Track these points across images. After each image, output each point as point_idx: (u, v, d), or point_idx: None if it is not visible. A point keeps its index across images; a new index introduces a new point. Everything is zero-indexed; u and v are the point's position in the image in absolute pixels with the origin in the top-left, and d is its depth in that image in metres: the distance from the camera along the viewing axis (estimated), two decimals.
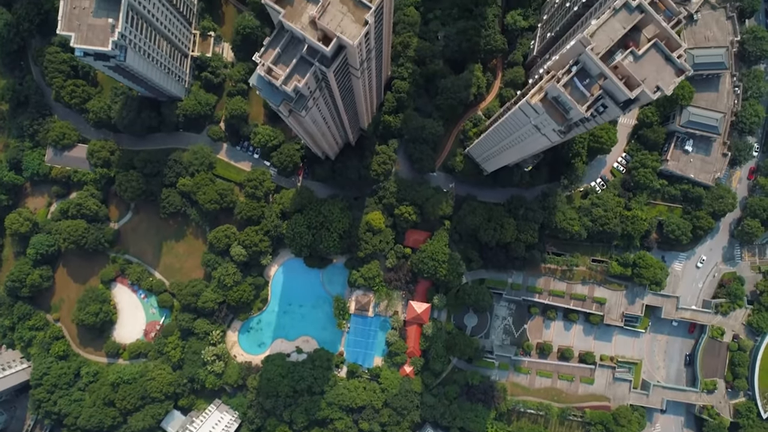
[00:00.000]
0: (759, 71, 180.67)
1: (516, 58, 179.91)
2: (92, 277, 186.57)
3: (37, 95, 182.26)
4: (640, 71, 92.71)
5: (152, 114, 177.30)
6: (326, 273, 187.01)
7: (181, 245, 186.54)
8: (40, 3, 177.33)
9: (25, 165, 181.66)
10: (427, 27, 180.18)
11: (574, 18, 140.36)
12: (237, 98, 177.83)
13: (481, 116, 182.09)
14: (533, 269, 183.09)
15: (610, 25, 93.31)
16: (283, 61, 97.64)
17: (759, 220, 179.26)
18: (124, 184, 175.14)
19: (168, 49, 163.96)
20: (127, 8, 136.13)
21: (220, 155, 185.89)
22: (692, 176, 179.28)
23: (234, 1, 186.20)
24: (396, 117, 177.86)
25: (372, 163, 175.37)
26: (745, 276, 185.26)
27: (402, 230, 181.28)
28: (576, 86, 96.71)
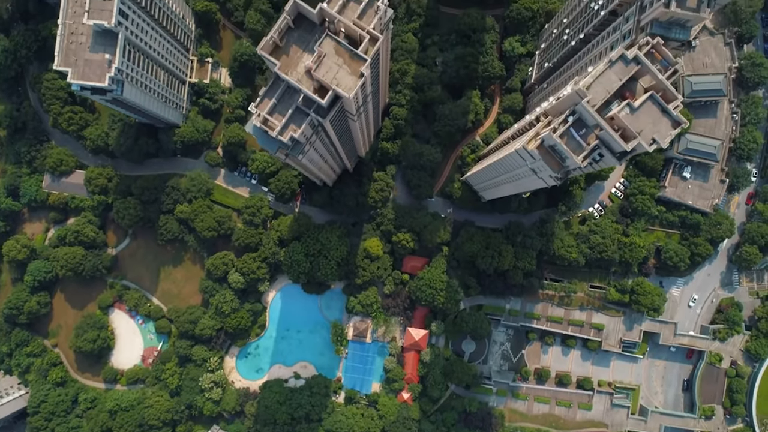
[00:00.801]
0: (757, 97, 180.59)
1: (514, 84, 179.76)
2: (90, 303, 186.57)
3: (35, 121, 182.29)
4: (637, 123, 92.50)
5: (150, 141, 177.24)
6: (324, 298, 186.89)
7: (179, 271, 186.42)
8: (38, 30, 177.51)
9: (22, 191, 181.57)
10: (425, 53, 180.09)
11: (572, 52, 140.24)
12: (235, 125, 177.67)
13: (479, 142, 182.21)
14: (531, 295, 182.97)
15: (606, 76, 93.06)
16: (279, 111, 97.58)
17: (757, 247, 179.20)
18: (122, 212, 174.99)
19: (165, 78, 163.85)
20: (123, 43, 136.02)
21: (218, 181, 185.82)
22: (690, 203, 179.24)
23: (231, 26, 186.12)
24: (394, 144, 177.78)
25: (370, 191, 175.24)
26: (743, 301, 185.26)
27: (400, 256, 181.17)
28: (572, 136, 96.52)
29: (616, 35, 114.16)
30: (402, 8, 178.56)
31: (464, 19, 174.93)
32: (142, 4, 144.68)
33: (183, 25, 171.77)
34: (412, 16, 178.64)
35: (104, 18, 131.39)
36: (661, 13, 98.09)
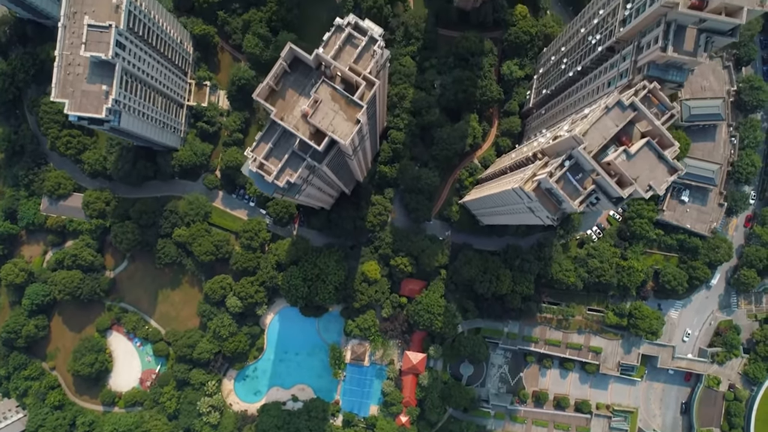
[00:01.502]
0: (755, 120, 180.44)
1: (512, 107, 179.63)
2: (88, 325, 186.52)
3: (33, 144, 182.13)
4: (633, 169, 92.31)
5: (148, 164, 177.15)
6: (322, 321, 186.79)
7: (177, 293, 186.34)
8: (36, 53, 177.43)
9: (20, 214, 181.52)
10: (424, 75, 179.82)
11: (570, 82, 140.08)
12: (233, 149, 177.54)
13: (477, 165, 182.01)
14: (529, 319, 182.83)
15: (603, 123, 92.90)
16: (275, 155, 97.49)
17: (755, 270, 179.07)
18: (120, 236, 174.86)
19: (163, 103, 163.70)
20: (121, 74, 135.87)
21: (216, 203, 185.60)
22: (688, 226, 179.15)
23: (229, 48, 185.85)
24: (392, 167, 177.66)
25: (368, 215, 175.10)
26: (741, 324, 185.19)
27: (398, 279, 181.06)
28: (569, 180, 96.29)
29: (613, 72, 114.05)
30: (400, 31, 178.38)
31: (462, 43, 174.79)
32: (140, 33, 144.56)
33: (181, 50, 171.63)
34: (411, 40, 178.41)
35: (101, 50, 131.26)
36: (657, 56, 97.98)
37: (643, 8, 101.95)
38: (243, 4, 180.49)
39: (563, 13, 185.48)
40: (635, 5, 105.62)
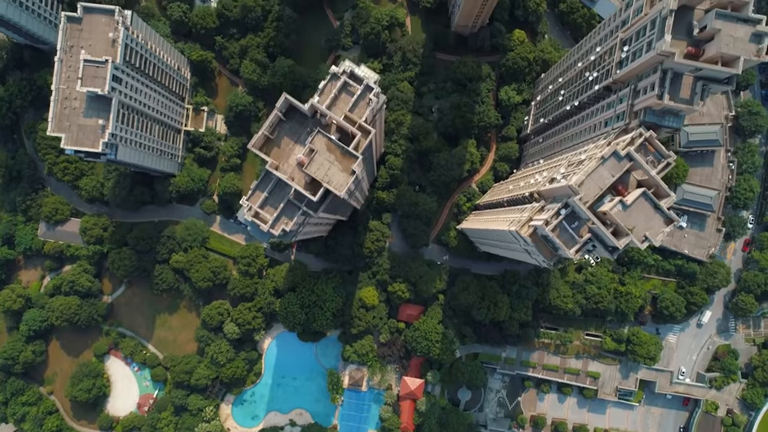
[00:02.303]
0: (753, 145, 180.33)
1: (510, 132, 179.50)
2: (86, 350, 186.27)
3: (30, 169, 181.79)
4: (629, 220, 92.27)
5: (145, 190, 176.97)
6: (320, 346, 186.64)
7: (175, 318, 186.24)
8: (33, 79, 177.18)
9: (17, 240, 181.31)
10: (421, 100, 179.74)
11: (567, 114, 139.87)
12: (230, 175, 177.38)
13: (475, 190, 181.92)
14: (527, 344, 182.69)
15: (598, 173, 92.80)
16: (270, 203, 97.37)
17: (753, 296, 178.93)
18: (117, 263, 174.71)
19: (160, 131, 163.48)
20: (117, 107, 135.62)
21: (213, 227, 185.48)
22: (686, 252, 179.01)
23: (227, 73, 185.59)
24: (389, 192, 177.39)
25: (365, 241, 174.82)
26: (739, 348, 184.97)
27: (396, 305, 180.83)
28: (565, 228, 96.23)
29: (610, 112, 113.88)
30: (398, 56, 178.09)
31: (460, 68, 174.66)
32: (137, 65, 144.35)
33: (178, 76, 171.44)
34: (408, 65, 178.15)
35: (98, 85, 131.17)
36: (654, 103, 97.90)
37: (639, 53, 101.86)
38: (240, 30, 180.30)
39: (561, 37, 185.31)
40: (632, 49, 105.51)
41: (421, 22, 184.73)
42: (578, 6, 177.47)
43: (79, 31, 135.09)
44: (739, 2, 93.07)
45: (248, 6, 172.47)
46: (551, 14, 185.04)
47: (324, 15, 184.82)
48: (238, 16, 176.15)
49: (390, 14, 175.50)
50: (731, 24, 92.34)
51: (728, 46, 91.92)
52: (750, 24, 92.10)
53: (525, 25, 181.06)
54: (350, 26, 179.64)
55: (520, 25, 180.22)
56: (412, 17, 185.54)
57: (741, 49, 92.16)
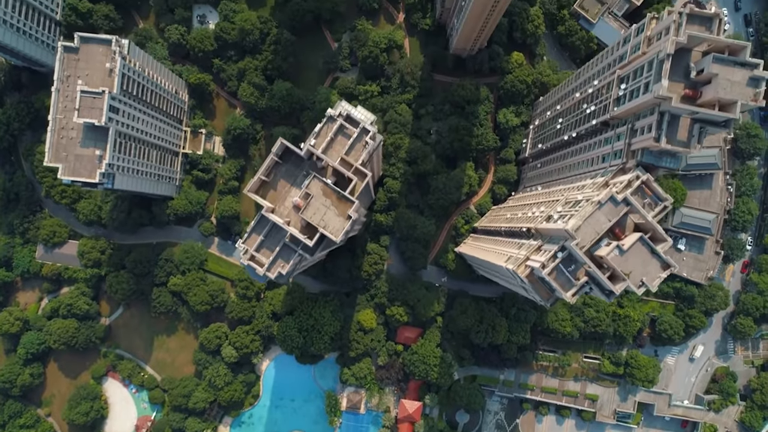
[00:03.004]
0: (752, 168, 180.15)
1: (508, 155, 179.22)
2: (83, 372, 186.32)
3: (28, 191, 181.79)
4: (626, 265, 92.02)
5: (143, 212, 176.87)
6: (318, 368, 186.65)
7: (173, 340, 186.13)
8: (31, 102, 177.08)
9: (15, 262, 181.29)
10: (420, 122, 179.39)
11: (565, 144, 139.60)
12: (228, 198, 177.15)
13: (473, 212, 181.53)
14: (525, 366, 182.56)
15: (595, 218, 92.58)
16: (266, 246, 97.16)
17: (752, 318, 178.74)
18: (115, 286, 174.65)
19: (158, 156, 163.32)
20: (114, 137, 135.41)
21: (211, 249, 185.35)
22: (685, 275, 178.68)
23: (225, 94, 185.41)
24: (388, 215, 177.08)
25: (363, 264, 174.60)
26: (738, 371, 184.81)
27: (394, 327, 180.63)
28: (561, 271, 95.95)
29: (607, 148, 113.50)
30: (396, 78, 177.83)
31: (458, 91, 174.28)
32: (134, 93, 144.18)
33: (176, 100, 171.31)
34: (406, 87, 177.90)
35: (94, 116, 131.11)
36: (651, 145, 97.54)
37: (636, 94, 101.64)
38: (238, 52, 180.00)
39: (560, 58, 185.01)
40: (629, 87, 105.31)
41: (419, 44, 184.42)
42: (576, 28, 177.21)
43: (76, 60, 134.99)
44: (737, 46, 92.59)
45: (246, 29, 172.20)
46: (549, 36, 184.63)
47: (322, 37, 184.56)
48: (236, 38, 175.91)
49: (388, 37, 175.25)
50: (728, 68, 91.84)
51: (725, 91, 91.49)
52: (747, 68, 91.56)
53: (523, 47, 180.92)
54: (348, 48, 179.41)
55: (518, 47, 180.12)
56: (410, 39, 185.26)
57: (738, 94, 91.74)
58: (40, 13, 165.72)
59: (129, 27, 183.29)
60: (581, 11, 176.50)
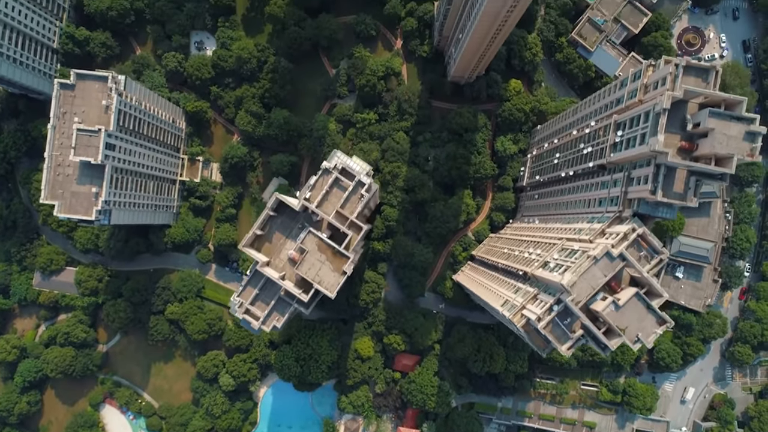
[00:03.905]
0: (750, 195, 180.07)
1: (506, 183, 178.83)
2: (81, 399, 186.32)
3: (25, 218, 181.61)
4: (621, 320, 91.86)
5: (140, 240, 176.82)
6: (315, 395, 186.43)
7: (170, 367, 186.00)
8: (27, 129, 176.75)
9: (12, 290, 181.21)
10: (417, 149, 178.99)
11: (562, 180, 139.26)
12: (225, 226, 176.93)
13: (471, 238, 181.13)
14: (523, 394, 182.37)
15: (591, 273, 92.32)
16: (262, 299, 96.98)
17: (749, 346, 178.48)
18: (112, 315, 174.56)
19: (155, 187, 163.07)
20: (110, 174, 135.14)
21: (209, 275, 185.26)
22: (683, 303, 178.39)
23: (223, 121, 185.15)
24: (385, 243, 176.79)
25: (361, 293, 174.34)
26: (736, 397, 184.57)
27: (391, 355, 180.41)
28: (557, 324, 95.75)
29: (604, 192, 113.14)
30: (393, 106, 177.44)
31: (456, 119, 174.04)
32: (131, 128, 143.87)
33: (173, 128, 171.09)
34: (404, 115, 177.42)
35: (90, 154, 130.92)
36: (647, 196, 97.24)
37: (633, 143, 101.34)
38: (236, 79, 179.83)
39: (558, 85, 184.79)
40: (625, 135, 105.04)
41: (417, 70, 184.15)
42: (575, 56, 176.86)
43: (72, 97, 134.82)
44: (733, 100, 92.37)
45: (243, 58, 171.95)
46: (548, 62, 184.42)
47: (320, 63, 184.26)
48: (233, 66, 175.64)
49: (386, 64, 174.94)
50: (725, 122, 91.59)
51: (722, 145, 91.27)
52: (744, 122, 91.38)
53: (521, 73, 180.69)
54: (346, 75, 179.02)
55: (516, 74, 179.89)
56: (408, 65, 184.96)
57: (735, 148, 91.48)
58: (37, 43, 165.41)
59: (126, 54, 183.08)
60: (579, 39, 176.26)
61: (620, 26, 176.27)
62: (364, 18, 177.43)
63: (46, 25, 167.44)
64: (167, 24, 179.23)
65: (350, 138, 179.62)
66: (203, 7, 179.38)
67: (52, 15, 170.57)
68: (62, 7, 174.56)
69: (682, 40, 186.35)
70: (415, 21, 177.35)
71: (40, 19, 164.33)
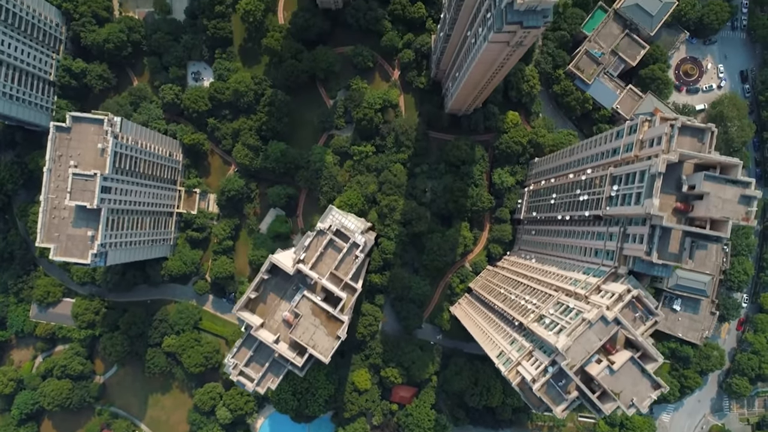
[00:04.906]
0: (748, 227, 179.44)
1: (503, 215, 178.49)
2: (78, 430, 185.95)
3: (22, 249, 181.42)
4: (616, 384, 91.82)
5: (137, 273, 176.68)
6: (313, 426, 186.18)
7: (168, 398, 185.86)
8: (24, 162, 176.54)
9: (9, 322, 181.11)
10: (415, 181, 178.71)
11: (559, 222, 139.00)
12: (222, 259, 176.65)
13: (468, 270, 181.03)
14: (520, 426, 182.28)
15: (586, 337, 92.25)
16: (256, 360, 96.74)
17: (747, 379, 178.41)
18: (109, 348, 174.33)
19: (151, 222, 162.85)
20: (106, 218, 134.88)
21: (206, 306, 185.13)
22: (680, 335, 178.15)
23: (220, 152, 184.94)
24: (382, 276, 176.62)
25: (358, 326, 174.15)
26: (733, 428, 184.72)
27: (388, 386, 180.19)
28: (552, 385, 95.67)
29: (600, 244, 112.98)
30: (391, 137, 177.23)
31: (453, 151, 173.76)
32: (127, 168, 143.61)
33: (170, 162, 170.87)
34: (401, 147, 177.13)
35: (86, 199, 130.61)
36: (642, 256, 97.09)
37: (628, 200, 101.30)
38: (233, 111, 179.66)
39: (555, 116, 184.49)
40: (621, 191, 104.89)
41: (414, 101, 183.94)
42: (572, 89, 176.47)
43: (68, 140, 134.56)
44: (728, 163, 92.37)
45: (240, 91, 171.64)
46: (545, 93, 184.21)
47: (317, 94, 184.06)
48: (230, 98, 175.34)
49: (383, 97, 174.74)
50: (720, 185, 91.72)
51: (717, 209, 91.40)
52: (739, 186, 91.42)
53: (519, 105, 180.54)
54: (343, 107, 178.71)
55: (513, 106, 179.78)
56: (405, 95, 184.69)
57: (730, 212, 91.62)
58: (34, 77, 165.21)
59: (123, 85, 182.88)
60: (576, 72, 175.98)
61: (618, 59, 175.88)
62: (362, 50, 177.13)
63: (43, 59, 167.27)
64: (164, 55, 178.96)
65: (347, 170, 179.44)
66: (200, 38, 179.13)
67: (48, 48, 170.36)
68: (59, 39, 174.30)
69: (680, 70, 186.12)
70: (412, 53, 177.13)
71: (37, 53, 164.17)
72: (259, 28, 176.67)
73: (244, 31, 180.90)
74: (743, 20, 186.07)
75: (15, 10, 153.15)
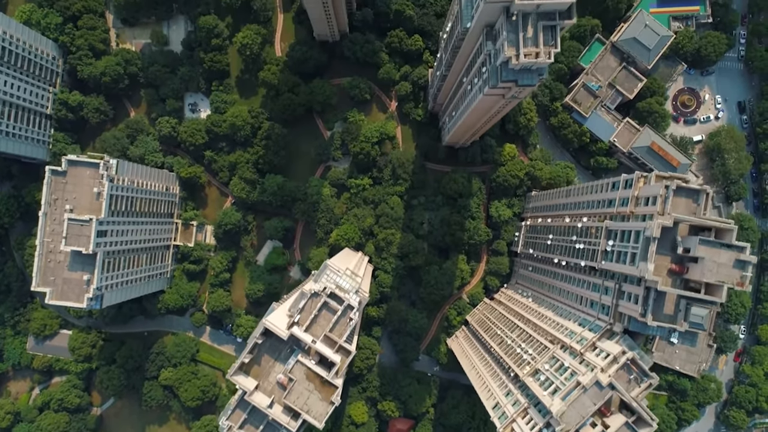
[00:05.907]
0: None
1: (500, 247, 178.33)
2: None
3: (19, 281, 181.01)
4: None
5: (134, 306, 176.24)
6: None
7: (165, 430, 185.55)
8: (21, 196, 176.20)
9: (6, 354, 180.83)
10: (412, 213, 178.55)
11: (556, 265, 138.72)
12: (219, 292, 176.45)
13: (465, 302, 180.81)
14: None
15: (580, 402, 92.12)
16: (251, 422, 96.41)
17: (744, 411, 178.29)
18: (106, 382, 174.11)
19: (148, 257, 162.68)
20: (102, 261, 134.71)
21: (203, 338, 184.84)
22: (678, 368, 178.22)
23: (217, 183, 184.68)
24: (379, 308, 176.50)
25: (355, 360, 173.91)
26: None
27: (386, 419, 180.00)
28: None
29: (596, 295, 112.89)
30: (388, 170, 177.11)
31: (450, 184, 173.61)
32: (123, 209, 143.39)
33: (167, 196, 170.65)
34: (398, 179, 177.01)
35: (82, 244, 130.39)
36: (637, 317, 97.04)
37: (623, 258, 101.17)
38: (230, 144, 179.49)
39: (553, 147, 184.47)
40: (616, 247, 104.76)
41: (411, 133, 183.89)
42: (569, 121, 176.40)
43: (64, 184, 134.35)
44: (723, 227, 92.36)
45: (237, 125, 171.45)
46: (543, 124, 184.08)
47: (314, 125, 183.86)
48: (227, 131, 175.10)
49: (380, 129, 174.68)
50: (715, 250, 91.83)
51: (712, 273, 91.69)
52: (734, 250, 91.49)
53: (516, 137, 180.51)
54: (340, 139, 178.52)
55: (511, 138, 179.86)
56: (402, 127, 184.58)
57: (725, 276, 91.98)
58: (30, 111, 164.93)
59: (120, 117, 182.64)
60: (573, 104, 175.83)
61: (615, 91, 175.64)
62: (359, 82, 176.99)
63: (39, 93, 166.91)
64: (161, 87, 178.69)
65: (344, 202, 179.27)
66: (197, 70, 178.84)
67: (45, 82, 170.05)
68: (56, 72, 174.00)
69: (678, 101, 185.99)
70: (409, 85, 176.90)
71: (33, 88, 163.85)
72: (256, 60, 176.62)
73: (241, 63, 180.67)
74: (741, 51, 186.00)
75: (11, 48, 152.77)
